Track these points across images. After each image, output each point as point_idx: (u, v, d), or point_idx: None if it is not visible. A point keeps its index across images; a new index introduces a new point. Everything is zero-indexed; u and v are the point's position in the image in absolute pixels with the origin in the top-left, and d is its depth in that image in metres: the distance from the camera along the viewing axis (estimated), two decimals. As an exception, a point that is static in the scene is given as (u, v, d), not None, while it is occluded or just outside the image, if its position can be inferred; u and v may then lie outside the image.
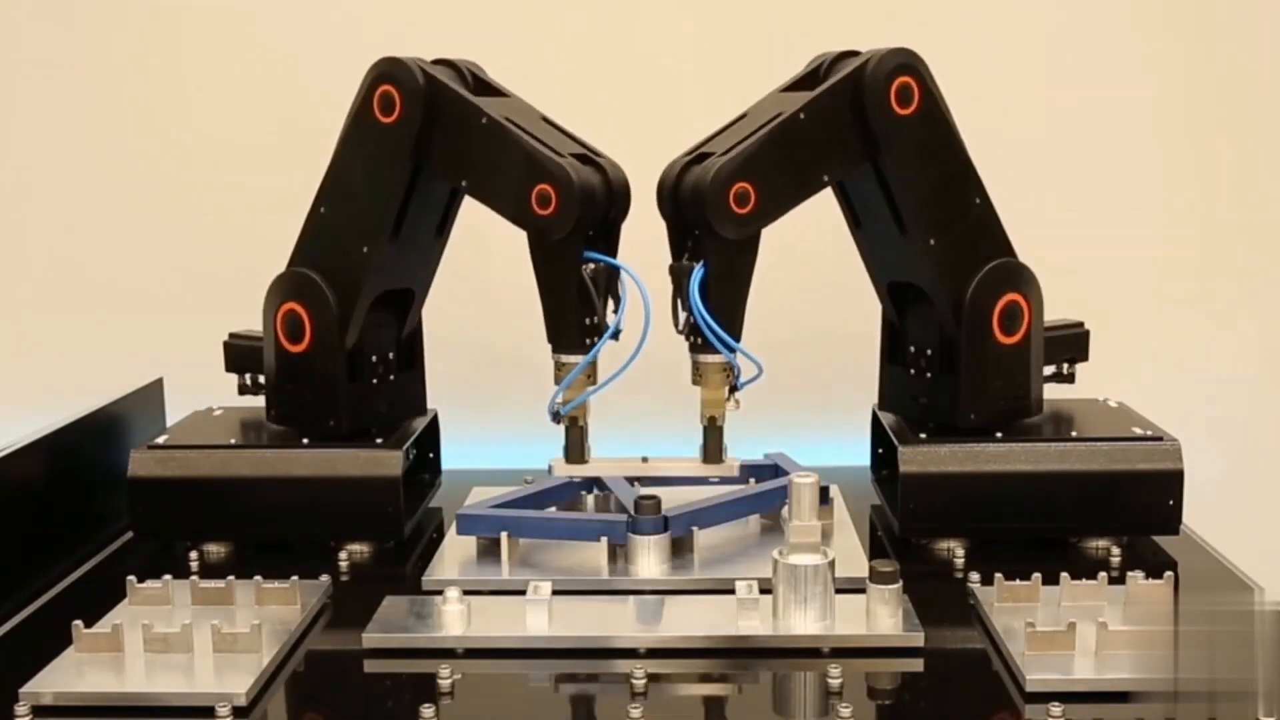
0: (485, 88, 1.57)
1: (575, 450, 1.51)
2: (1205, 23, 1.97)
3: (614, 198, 1.49)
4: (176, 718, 1.14)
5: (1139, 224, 2.00)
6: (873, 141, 1.48)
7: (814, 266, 1.97)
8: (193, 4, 1.98)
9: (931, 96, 1.49)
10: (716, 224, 1.42)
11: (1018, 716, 1.15)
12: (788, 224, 1.90)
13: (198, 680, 1.18)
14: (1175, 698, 1.14)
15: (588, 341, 1.47)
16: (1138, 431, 1.55)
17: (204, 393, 1.74)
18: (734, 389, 1.50)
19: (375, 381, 1.62)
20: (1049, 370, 1.64)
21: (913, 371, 1.63)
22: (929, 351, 1.60)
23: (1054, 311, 1.61)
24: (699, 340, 1.46)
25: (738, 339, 1.46)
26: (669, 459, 1.58)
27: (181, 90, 2.02)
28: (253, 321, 1.65)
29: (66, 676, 1.19)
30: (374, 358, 1.62)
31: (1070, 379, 1.67)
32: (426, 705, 1.12)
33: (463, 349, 2.00)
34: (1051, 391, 1.63)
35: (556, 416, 1.49)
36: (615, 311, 1.48)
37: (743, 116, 1.54)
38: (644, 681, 1.18)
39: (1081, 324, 1.67)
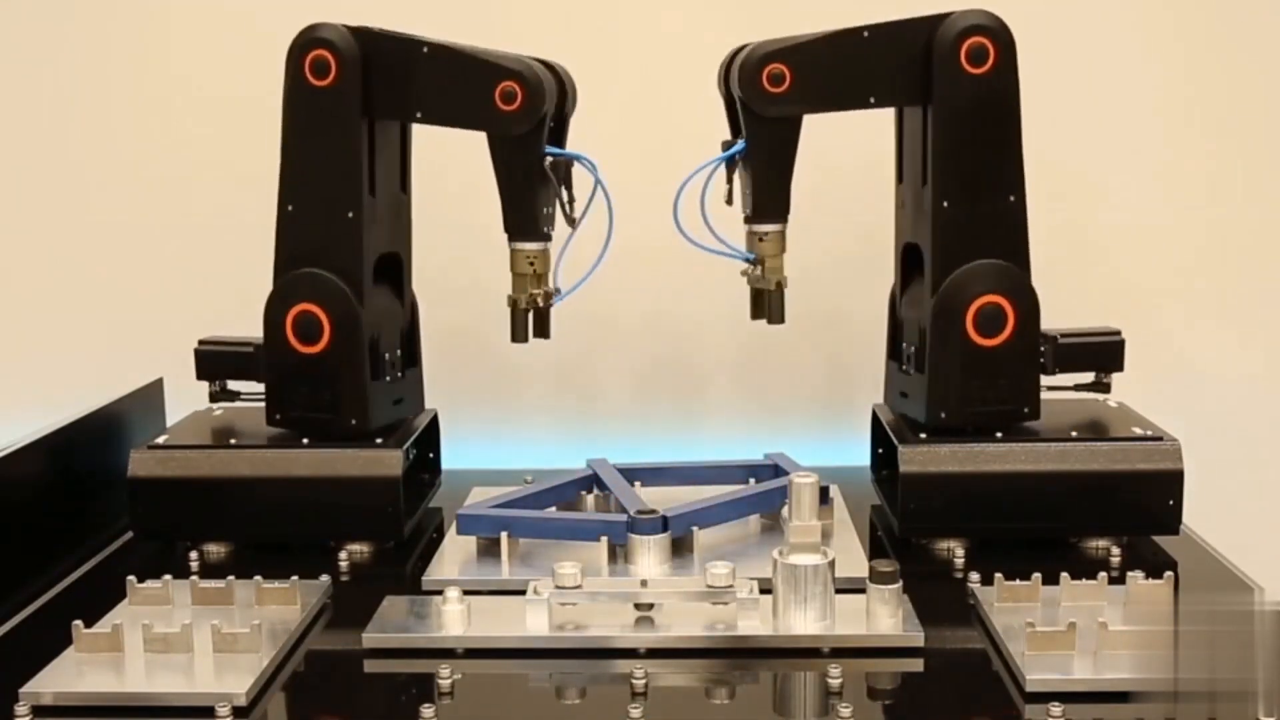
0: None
1: (518, 329, 1.60)
2: (1213, 20, 1.96)
3: (567, 93, 1.60)
4: (176, 718, 1.14)
5: (1140, 224, 2.00)
6: (930, 90, 1.51)
7: (815, 266, 1.97)
8: (195, 5, 1.98)
9: (1008, 69, 1.51)
10: (747, 97, 1.51)
11: (1018, 716, 1.15)
12: (790, 223, 1.90)
13: (198, 680, 1.18)
14: (1175, 698, 1.14)
15: (545, 230, 1.56)
16: (1138, 431, 1.55)
17: (204, 393, 1.74)
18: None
19: (389, 380, 1.63)
20: (1085, 379, 1.64)
21: (902, 367, 1.63)
22: (913, 348, 1.60)
23: (1054, 311, 1.61)
24: (753, 212, 1.57)
25: (785, 214, 1.58)
26: (668, 583, 1.38)
27: (182, 90, 2.02)
28: (254, 322, 1.64)
29: (66, 676, 1.19)
30: (387, 355, 1.63)
31: (1105, 388, 1.65)
32: (426, 705, 1.12)
33: (462, 349, 2.00)
34: (1052, 391, 1.63)
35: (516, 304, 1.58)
36: (571, 202, 1.58)
37: None
38: (644, 681, 1.18)
39: (1117, 332, 1.65)
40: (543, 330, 1.62)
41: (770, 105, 1.52)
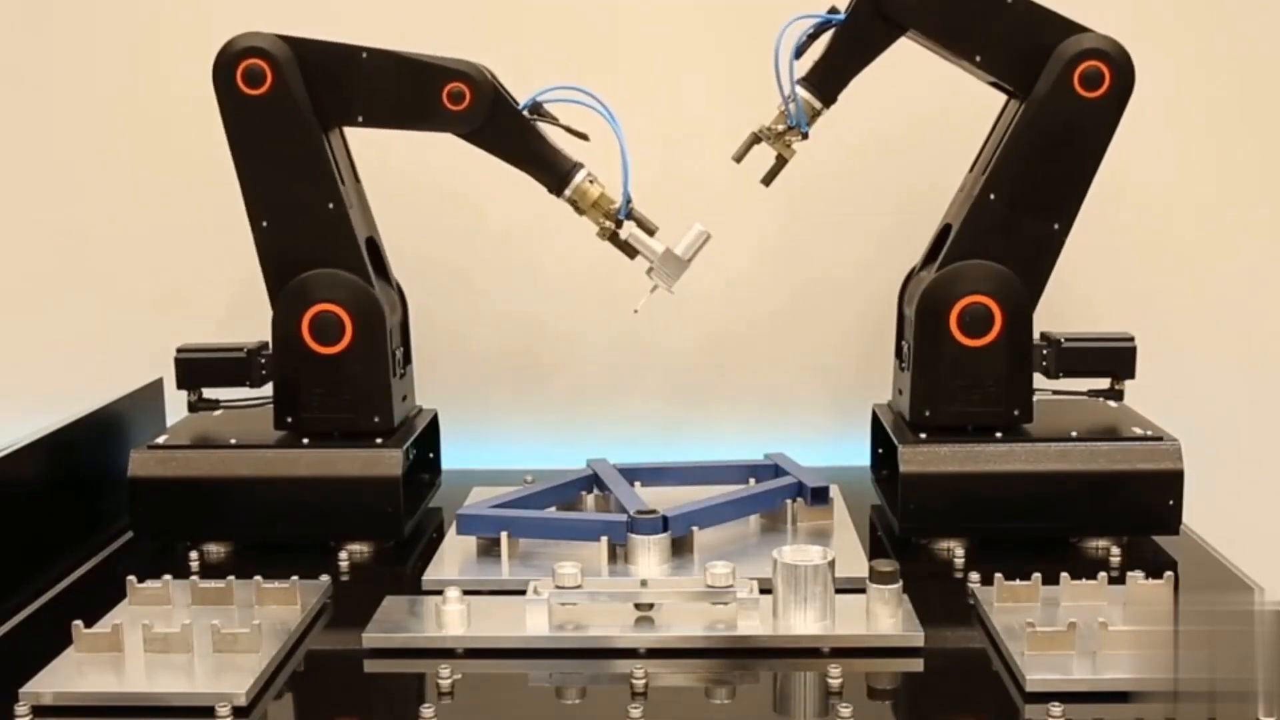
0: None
1: None
2: (1227, 18, 1.95)
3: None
4: (176, 718, 1.14)
5: (1140, 222, 2.00)
6: (1031, 87, 1.52)
7: (816, 268, 1.97)
8: (190, 8, 1.98)
9: (1111, 106, 1.51)
10: None
11: (1018, 716, 1.15)
12: (789, 225, 1.91)
13: (198, 680, 1.18)
14: (1175, 698, 1.14)
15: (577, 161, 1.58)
16: (1138, 431, 1.55)
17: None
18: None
19: (400, 376, 1.64)
20: (1100, 384, 1.63)
21: (902, 365, 1.64)
22: (906, 345, 1.61)
23: (1053, 311, 1.61)
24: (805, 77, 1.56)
25: (828, 99, 1.56)
26: (668, 583, 1.40)
27: (184, 91, 2.01)
28: (255, 322, 1.64)
29: (66, 676, 1.19)
30: (398, 354, 1.63)
31: (1118, 395, 1.64)
32: (426, 705, 1.12)
33: (462, 349, 2.00)
34: (1058, 395, 1.63)
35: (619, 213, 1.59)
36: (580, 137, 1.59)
37: None
38: (644, 681, 1.18)
39: (1129, 338, 1.63)
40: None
41: (894, 4, 1.52)
